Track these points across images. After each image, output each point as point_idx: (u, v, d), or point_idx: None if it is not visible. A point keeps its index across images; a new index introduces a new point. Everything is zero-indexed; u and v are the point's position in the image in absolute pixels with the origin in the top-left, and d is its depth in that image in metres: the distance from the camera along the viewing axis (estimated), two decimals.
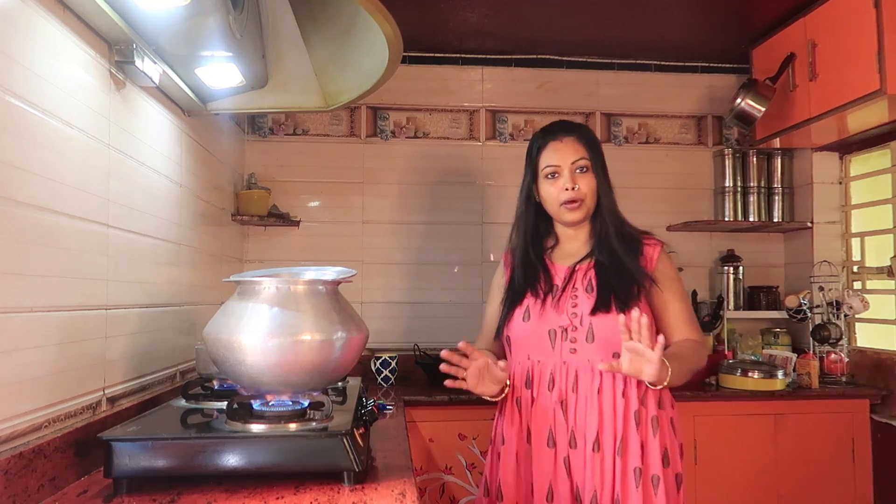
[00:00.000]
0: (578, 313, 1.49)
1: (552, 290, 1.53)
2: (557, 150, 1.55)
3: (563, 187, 1.52)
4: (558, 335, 1.49)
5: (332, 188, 2.95)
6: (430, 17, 2.62)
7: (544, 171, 1.55)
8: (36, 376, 1.16)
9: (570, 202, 1.53)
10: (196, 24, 1.48)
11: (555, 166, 1.54)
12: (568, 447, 1.45)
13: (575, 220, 1.55)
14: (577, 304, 1.50)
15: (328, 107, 1.97)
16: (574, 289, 1.52)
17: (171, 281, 1.86)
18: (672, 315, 1.54)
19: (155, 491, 1.12)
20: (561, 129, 1.58)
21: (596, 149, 1.57)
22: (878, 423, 2.50)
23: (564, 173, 1.53)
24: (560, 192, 1.53)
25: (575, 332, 1.48)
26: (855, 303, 2.65)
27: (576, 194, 1.52)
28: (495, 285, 1.69)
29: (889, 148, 2.69)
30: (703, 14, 2.62)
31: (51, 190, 1.20)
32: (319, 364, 1.22)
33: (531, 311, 1.52)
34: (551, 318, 1.50)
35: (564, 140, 1.55)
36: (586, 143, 1.56)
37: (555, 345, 1.49)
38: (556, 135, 1.57)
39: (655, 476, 1.43)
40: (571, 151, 1.54)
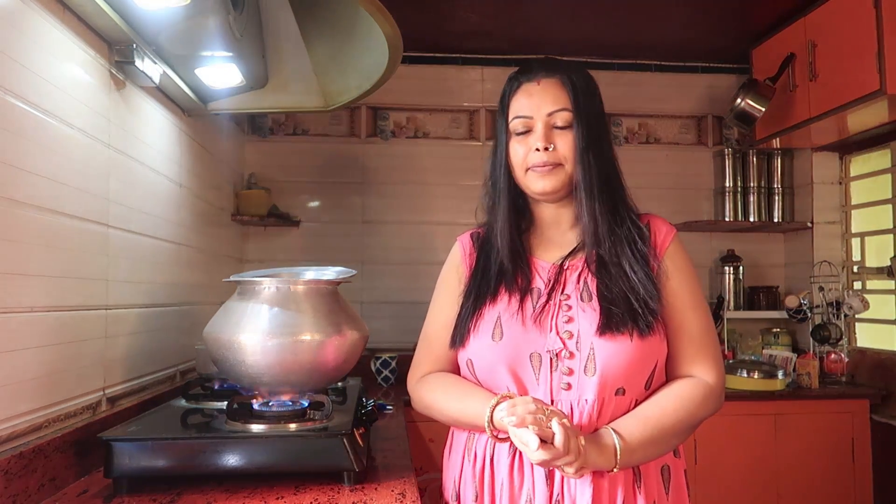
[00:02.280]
0: (574, 332, 1.06)
1: (530, 293, 1.11)
2: (532, 95, 1.13)
3: (532, 146, 1.11)
4: (545, 362, 1.06)
5: (332, 188, 2.95)
6: (430, 17, 2.62)
7: (513, 125, 1.14)
8: (36, 376, 1.16)
9: (541, 165, 1.10)
10: (196, 24, 1.48)
11: (525, 118, 1.12)
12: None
13: (545, 191, 1.12)
14: (573, 317, 1.07)
15: (328, 107, 1.97)
16: (565, 295, 1.10)
17: (171, 281, 1.86)
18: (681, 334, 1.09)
19: (155, 491, 1.11)
20: (541, 67, 1.16)
21: (587, 96, 1.13)
22: (878, 423, 2.50)
23: (537, 127, 1.11)
24: (529, 153, 1.11)
25: (571, 360, 1.05)
26: (855, 303, 2.65)
27: (548, 156, 1.09)
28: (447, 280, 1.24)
29: (889, 148, 2.69)
30: (703, 14, 2.62)
31: (51, 190, 1.20)
32: (319, 364, 1.22)
33: (504, 327, 1.08)
34: (534, 336, 1.07)
35: (543, 83, 1.13)
36: (572, 88, 1.12)
37: (540, 376, 1.06)
38: (534, 75, 1.15)
39: None
40: (550, 99, 1.11)
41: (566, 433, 0.93)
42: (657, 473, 1.08)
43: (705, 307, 1.13)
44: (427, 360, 1.23)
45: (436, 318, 1.23)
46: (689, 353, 1.09)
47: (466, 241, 1.25)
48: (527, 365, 1.07)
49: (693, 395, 1.07)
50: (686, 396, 1.06)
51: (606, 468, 0.99)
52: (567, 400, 1.05)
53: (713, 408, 1.09)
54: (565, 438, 0.92)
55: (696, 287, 1.13)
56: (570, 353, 1.05)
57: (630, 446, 1.00)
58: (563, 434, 0.92)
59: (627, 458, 1.00)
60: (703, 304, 1.13)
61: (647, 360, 1.06)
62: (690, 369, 1.10)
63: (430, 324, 1.25)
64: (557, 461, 0.93)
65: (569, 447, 0.93)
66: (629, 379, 1.05)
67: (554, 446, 0.92)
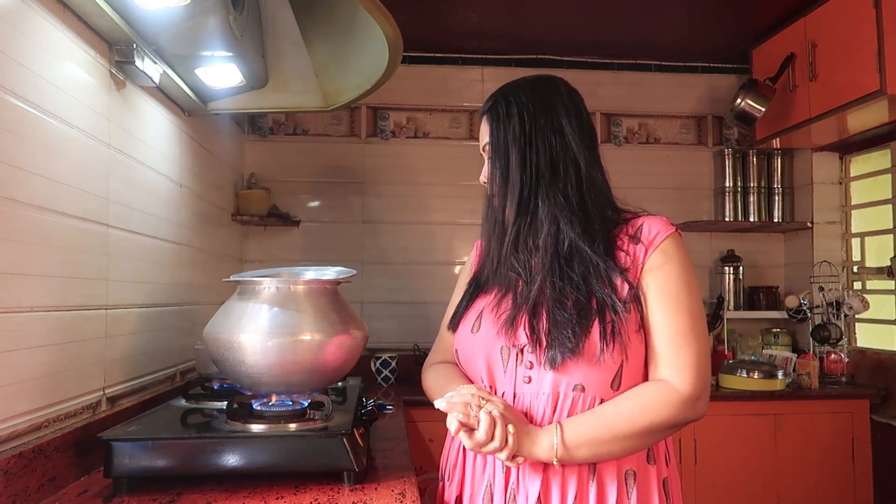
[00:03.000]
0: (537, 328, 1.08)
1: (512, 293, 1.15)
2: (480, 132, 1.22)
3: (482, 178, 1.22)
4: (512, 356, 1.10)
5: (332, 188, 2.95)
6: (430, 17, 2.62)
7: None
8: (36, 376, 1.16)
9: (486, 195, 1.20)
10: (196, 24, 1.48)
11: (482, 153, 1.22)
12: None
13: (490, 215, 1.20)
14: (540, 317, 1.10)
15: (328, 107, 1.97)
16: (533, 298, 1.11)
17: (171, 281, 1.86)
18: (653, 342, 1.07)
19: (155, 491, 1.11)
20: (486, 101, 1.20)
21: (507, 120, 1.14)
22: (878, 424, 2.50)
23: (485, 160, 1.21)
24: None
25: (532, 354, 1.08)
26: (855, 303, 2.65)
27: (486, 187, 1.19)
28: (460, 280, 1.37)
29: (889, 148, 2.69)
30: (703, 14, 2.62)
31: (51, 190, 1.20)
32: (319, 364, 1.22)
33: (483, 320, 1.15)
34: (505, 331, 1.11)
35: (482, 119, 1.21)
36: (493, 118, 1.16)
37: (507, 368, 1.10)
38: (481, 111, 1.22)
39: None
40: (483, 133, 1.20)
41: (491, 421, 0.98)
42: (616, 476, 1.06)
43: (691, 310, 1.07)
44: (438, 350, 1.32)
45: (447, 312, 1.32)
46: (663, 356, 1.06)
47: (479, 244, 1.32)
48: (497, 357, 1.12)
49: (654, 400, 1.04)
50: (646, 401, 1.04)
51: (546, 460, 1.02)
52: (528, 393, 1.08)
53: (681, 414, 1.03)
54: (488, 427, 0.98)
55: (681, 289, 1.08)
56: (533, 349, 1.08)
57: (569, 441, 1.01)
58: (487, 422, 0.98)
59: (567, 453, 1.01)
60: (689, 307, 1.07)
61: (605, 363, 1.05)
62: (663, 373, 1.06)
63: (445, 317, 1.32)
64: (484, 448, 0.99)
65: (493, 435, 0.98)
66: (587, 378, 1.05)
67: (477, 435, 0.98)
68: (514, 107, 1.15)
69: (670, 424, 1.04)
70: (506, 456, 0.99)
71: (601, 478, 1.06)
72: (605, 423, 1.03)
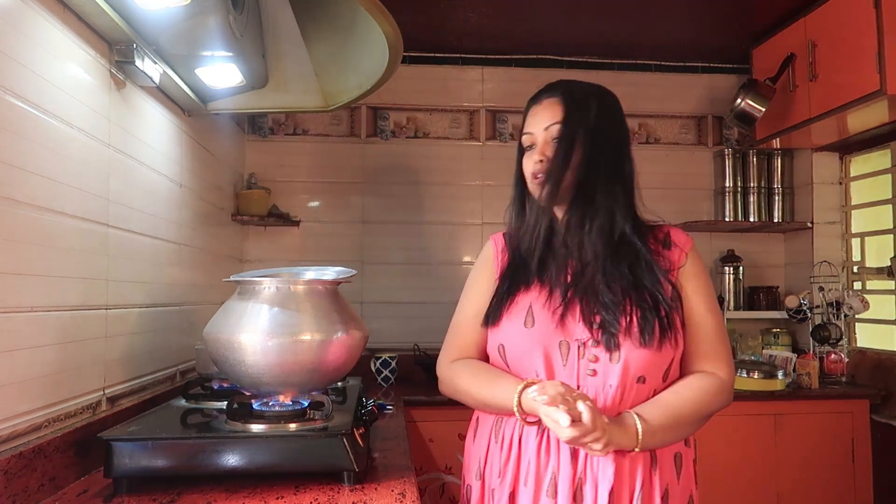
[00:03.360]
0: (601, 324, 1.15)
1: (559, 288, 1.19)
2: (535, 114, 1.24)
3: (535, 159, 1.23)
4: (573, 350, 1.14)
5: (332, 188, 2.95)
6: (430, 17, 2.62)
7: (523, 140, 1.26)
8: (36, 376, 1.16)
9: (535, 174, 1.22)
10: (196, 24, 1.48)
11: (530, 134, 1.24)
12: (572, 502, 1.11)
13: (540, 198, 1.22)
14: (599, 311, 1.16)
15: (328, 107, 1.97)
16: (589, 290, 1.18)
17: (171, 281, 1.86)
18: (698, 334, 1.19)
19: (155, 491, 1.11)
20: (547, 89, 1.26)
21: (580, 110, 1.21)
22: (878, 424, 2.50)
23: (538, 142, 1.23)
24: (531, 165, 1.23)
25: (597, 349, 1.14)
26: (855, 303, 2.65)
27: (542, 167, 1.20)
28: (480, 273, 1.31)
29: (889, 148, 2.69)
30: (703, 14, 2.62)
31: (51, 190, 1.20)
32: (319, 364, 1.22)
33: (535, 315, 1.17)
34: (562, 326, 1.15)
35: (544, 102, 1.24)
36: (569, 102, 1.21)
37: (567, 362, 1.14)
38: (539, 96, 1.26)
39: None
40: (548, 115, 1.22)
41: (593, 412, 1.01)
42: (671, 459, 1.17)
43: (718, 309, 1.23)
44: (456, 346, 1.29)
45: (467, 308, 1.30)
46: (704, 350, 1.19)
47: (499, 239, 1.33)
48: (556, 352, 1.16)
49: (708, 388, 1.16)
50: (702, 388, 1.16)
51: (629, 447, 1.08)
52: (592, 385, 1.14)
53: (724, 401, 1.18)
54: (592, 416, 1.01)
55: (711, 291, 1.23)
56: (598, 341, 1.14)
57: (651, 428, 1.08)
58: (590, 413, 1.01)
59: (648, 440, 1.08)
60: (717, 307, 1.22)
61: (665, 354, 1.15)
62: (705, 365, 1.19)
63: (460, 312, 1.32)
64: (585, 438, 1.01)
65: (595, 425, 1.01)
66: (649, 369, 1.14)
67: (583, 424, 1.00)
68: (591, 99, 1.23)
69: (717, 410, 1.18)
70: (602, 446, 1.03)
71: (660, 462, 1.15)
72: (673, 412, 1.12)
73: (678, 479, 1.17)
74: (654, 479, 1.14)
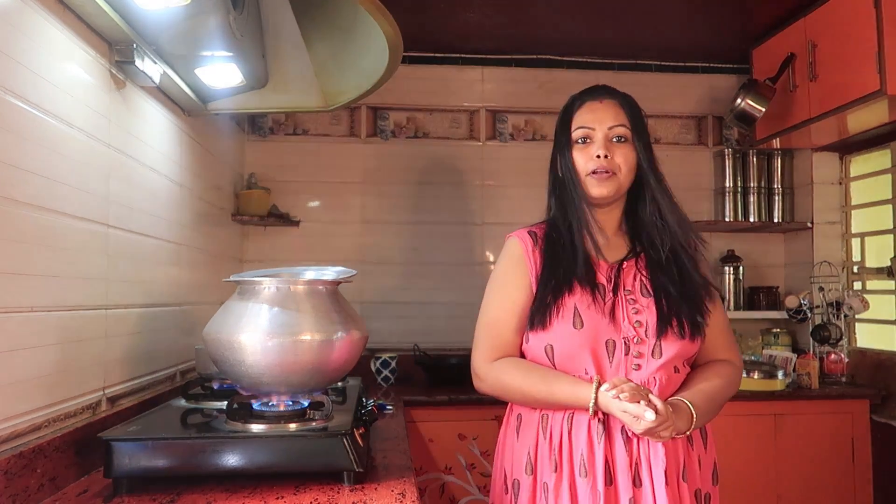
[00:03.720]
0: (644, 322, 1.24)
1: (598, 288, 1.26)
2: (595, 111, 1.30)
3: (593, 154, 1.27)
4: (619, 347, 1.23)
5: (332, 188, 2.95)
6: (430, 17, 2.62)
7: (576, 134, 1.30)
8: (36, 376, 1.16)
9: (600, 171, 1.27)
10: (196, 24, 1.48)
11: (588, 129, 1.29)
12: (632, 486, 1.19)
13: (602, 195, 1.28)
14: (640, 310, 1.25)
15: (328, 107, 1.97)
16: (628, 291, 1.27)
17: (171, 281, 1.86)
18: (713, 330, 1.31)
19: (155, 491, 1.12)
20: (604, 90, 1.34)
21: (640, 120, 1.32)
22: (878, 424, 2.50)
23: (598, 138, 1.28)
24: (589, 161, 1.28)
25: (641, 346, 1.23)
26: (855, 303, 2.65)
27: (607, 163, 1.26)
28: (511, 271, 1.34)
29: (889, 148, 2.69)
30: (703, 14, 2.62)
31: (51, 190, 1.20)
32: (319, 364, 1.22)
33: (583, 316, 1.24)
34: (609, 326, 1.23)
35: (605, 102, 1.31)
36: (629, 110, 1.31)
37: (614, 359, 1.23)
38: (597, 95, 1.33)
39: (708, 495, 1.28)
40: (611, 115, 1.29)
41: (663, 403, 1.12)
42: (699, 435, 1.31)
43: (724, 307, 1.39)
44: (495, 346, 1.32)
45: (500, 305, 1.33)
46: (721, 341, 1.34)
47: (526, 238, 1.36)
48: (603, 350, 1.24)
49: (731, 374, 1.32)
50: (727, 375, 1.31)
51: (685, 430, 1.19)
52: (637, 378, 1.22)
53: (739, 384, 1.36)
54: (665, 410, 1.11)
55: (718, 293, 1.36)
56: (642, 339, 1.24)
57: (699, 413, 1.20)
58: (663, 406, 1.11)
59: (698, 422, 1.21)
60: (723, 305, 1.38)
61: (696, 345, 1.29)
62: (723, 354, 1.35)
63: (492, 311, 1.34)
64: (659, 427, 1.10)
65: (667, 415, 1.11)
66: (683, 360, 1.28)
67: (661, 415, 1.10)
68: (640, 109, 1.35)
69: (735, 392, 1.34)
70: (669, 432, 1.13)
71: (694, 439, 1.29)
72: (710, 396, 1.25)
73: (705, 450, 1.31)
74: (693, 455, 1.27)
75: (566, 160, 1.31)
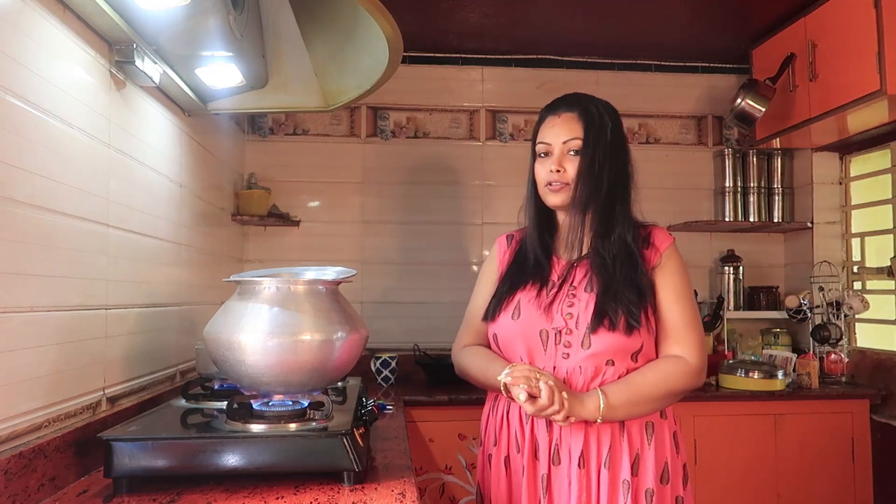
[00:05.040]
0: (575, 314, 1.35)
1: (546, 284, 1.40)
2: (553, 126, 1.41)
3: (549, 168, 1.40)
4: (551, 337, 1.35)
5: (332, 188, 2.95)
6: (430, 17, 2.62)
7: (538, 148, 1.43)
8: (36, 376, 1.16)
9: (552, 184, 1.39)
10: (196, 24, 1.48)
11: (547, 144, 1.41)
12: (549, 464, 1.33)
13: (555, 205, 1.41)
14: (574, 303, 1.36)
15: (328, 107, 1.97)
16: (572, 287, 1.38)
17: (171, 281, 1.86)
18: (667, 324, 1.37)
19: (155, 491, 1.11)
20: (563, 103, 1.43)
21: (598, 129, 1.39)
22: (878, 424, 2.50)
23: (555, 153, 1.39)
24: (547, 173, 1.40)
25: (570, 336, 1.34)
26: (855, 303, 2.65)
27: (559, 177, 1.38)
28: (486, 272, 1.55)
29: (889, 148, 2.69)
30: (703, 14, 2.62)
31: (51, 190, 1.20)
32: (319, 364, 1.22)
33: (522, 308, 1.39)
34: (543, 317, 1.36)
35: (562, 116, 1.41)
36: (586, 120, 1.39)
37: (547, 348, 1.35)
38: (557, 109, 1.42)
39: (650, 490, 1.31)
40: (566, 130, 1.39)
41: (550, 390, 1.21)
42: (641, 428, 1.35)
43: (690, 301, 1.40)
44: (466, 334, 1.53)
45: (474, 301, 1.55)
46: (675, 336, 1.37)
47: (503, 241, 1.56)
48: (537, 339, 1.36)
49: (671, 370, 1.34)
50: (666, 370, 1.34)
51: (591, 419, 1.27)
52: (565, 366, 1.34)
53: (691, 382, 1.35)
54: (549, 394, 1.21)
55: (682, 285, 1.40)
56: (570, 330, 1.35)
57: (613, 403, 1.27)
58: (548, 390, 1.21)
59: (610, 413, 1.28)
60: (688, 299, 1.40)
61: (631, 342, 1.33)
62: (674, 349, 1.37)
63: (470, 306, 1.56)
64: (546, 411, 1.22)
65: (553, 400, 1.21)
66: (616, 354, 1.33)
67: (540, 401, 1.21)
68: (605, 117, 1.41)
69: (683, 390, 1.35)
70: (562, 417, 1.23)
71: (629, 431, 1.33)
72: (636, 389, 1.30)
73: (649, 446, 1.34)
74: (623, 445, 1.32)
75: (531, 170, 1.46)
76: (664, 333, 1.37)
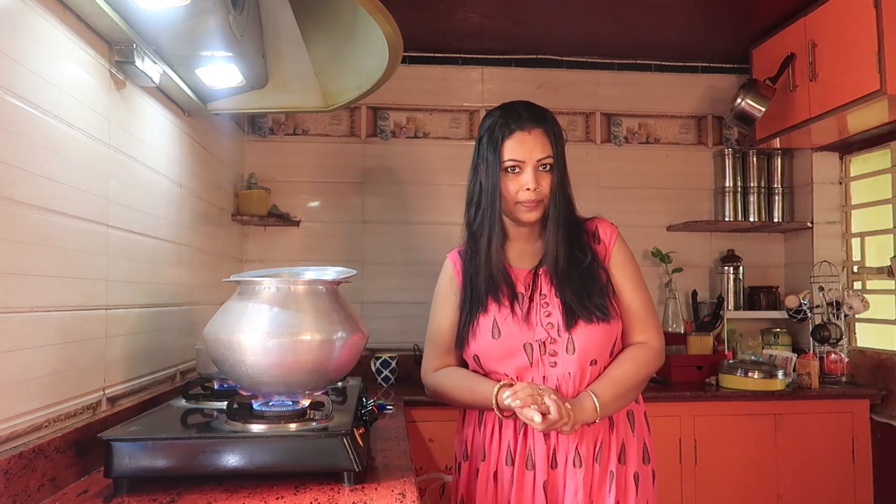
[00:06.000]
0: (554, 323, 1.38)
1: (517, 297, 1.41)
2: (524, 143, 1.38)
3: (524, 185, 1.38)
4: (536, 349, 1.38)
5: (332, 188, 2.95)
6: (430, 17, 2.62)
7: (507, 164, 1.39)
8: (36, 376, 1.16)
9: (530, 202, 1.39)
10: (196, 24, 1.48)
11: (519, 161, 1.38)
12: (548, 469, 1.37)
13: (531, 221, 1.41)
14: (551, 312, 1.39)
15: (328, 107, 1.97)
16: (542, 296, 1.41)
17: (171, 281, 1.86)
18: (630, 312, 1.43)
19: (155, 491, 1.11)
20: (529, 118, 1.39)
21: (560, 142, 1.42)
22: (878, 423, 2.50)
23: (527, 170, 1.38)
24: (520, 191, 1.38)
25: (554, 345, 1.38)
26: (855, 303, 2.65)
27: (536, 195, 1.38)
28: (444, 291, 1.51)
29: (889, 148, 2.69)
30: (703, 14, 2.62)
31: (51, 190, 1.20)
32: (319, 364, 1.22)
33: (500, 326, 1.39)
34: (524, 331, 1.38)
35: (533, 132, 1.38)
36: (553, 137, 1.40)
37: (533, 360, 1.38)
38: (524, 125, 1.38)
39: (636, 474, 1.40)
40: (539, 147, 1.38)
41: (558, 405, 1.24)
42: (625, 418, 1.43)
43: (644, 287, 1.47)
44: (435, 356, 1.52)
45: (439, 322, 1.51)
46: (637, 324, 1.44)
47: (455, 257, 1.54)
48: (521, 353, 1.39)
49: (643, 357, 1.41)
50: (639, 359, 1.41)
51: (591, 421, 1.32)
52: (555, 374, 1.38)
53: (658, 364, 1.44)
54: (558, 409, 1.24)
55: (636, 273, 1.47)
56: (554, 339, 1.38)
57: (605, 401, 1.33)
58: (556, 406, 1.24)
59: (604, 411, 1.33)
60: (642, 285, 1.47)
61: (609, 337, 1.40)
62: (639, 336, 1.44)
63: (433, 327, 1.53)
64: (556, 425, 1.25)
65: (561, 414, 1.24)
66: (598, 352, 1.39)
67: (551, 417, 1.23)
68: (559, 128, 1.44)
69: (653, 373, 1.44)
70: (570, 427, 1.26)
71: (616, 423, 1.41)
72: (619, 383, 1.36)
73: (633, 433, 1.43)
74: (612, 438, 1.40)
75: (495, 181, 1.40)
76: (628, 321, 1.44)
